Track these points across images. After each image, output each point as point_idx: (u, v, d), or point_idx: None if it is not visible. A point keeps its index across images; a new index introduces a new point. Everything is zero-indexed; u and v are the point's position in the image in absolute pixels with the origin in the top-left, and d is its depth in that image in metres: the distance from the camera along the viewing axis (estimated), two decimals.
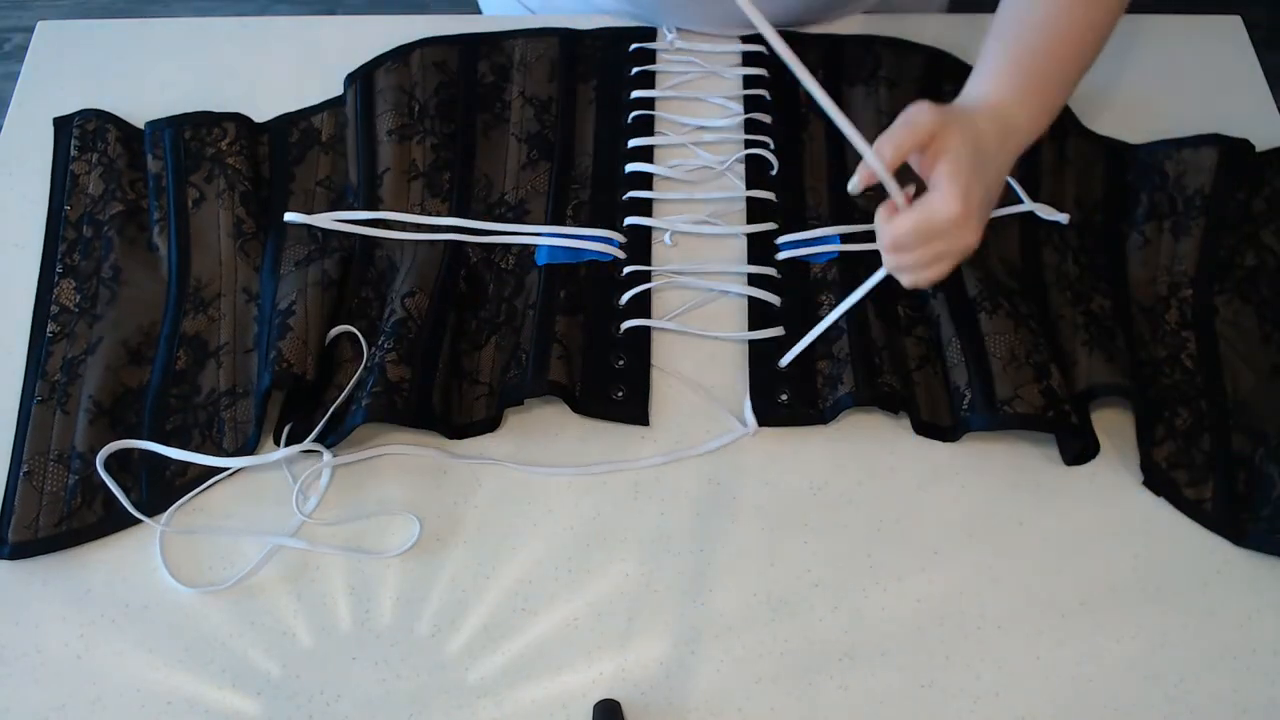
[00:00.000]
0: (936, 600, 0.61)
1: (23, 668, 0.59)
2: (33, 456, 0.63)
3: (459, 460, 0.65)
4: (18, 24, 1.87)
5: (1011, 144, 0.58)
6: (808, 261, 0.72)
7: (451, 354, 0.67)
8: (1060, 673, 0.59)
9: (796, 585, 0.62)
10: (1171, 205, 0.73)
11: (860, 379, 0.65)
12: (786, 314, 0.70)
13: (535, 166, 0.76)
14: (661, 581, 0.62)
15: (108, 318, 0.69)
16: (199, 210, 0.73)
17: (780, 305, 0.70)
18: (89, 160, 0.75)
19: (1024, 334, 0.66)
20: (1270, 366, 0.68)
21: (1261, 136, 0.75)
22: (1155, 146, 0.76)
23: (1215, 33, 0.84)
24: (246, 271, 0.71)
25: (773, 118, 0.78)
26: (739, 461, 0.66)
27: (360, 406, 0.63)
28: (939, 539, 0.63)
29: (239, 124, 0.76)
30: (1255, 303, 0.70)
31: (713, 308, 0.71)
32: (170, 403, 0.66)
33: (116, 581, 0.61)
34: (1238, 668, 0.59)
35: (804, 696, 0.58)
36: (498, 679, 0.59)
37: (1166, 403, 0.67)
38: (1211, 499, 0.64)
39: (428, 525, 0.63)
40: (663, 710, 0.58)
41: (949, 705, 0.58)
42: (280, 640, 0.60)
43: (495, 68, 0.80)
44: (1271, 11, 1.81)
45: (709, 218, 0.74)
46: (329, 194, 0.75)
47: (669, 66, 0.80)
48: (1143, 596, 0.61)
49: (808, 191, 0.75)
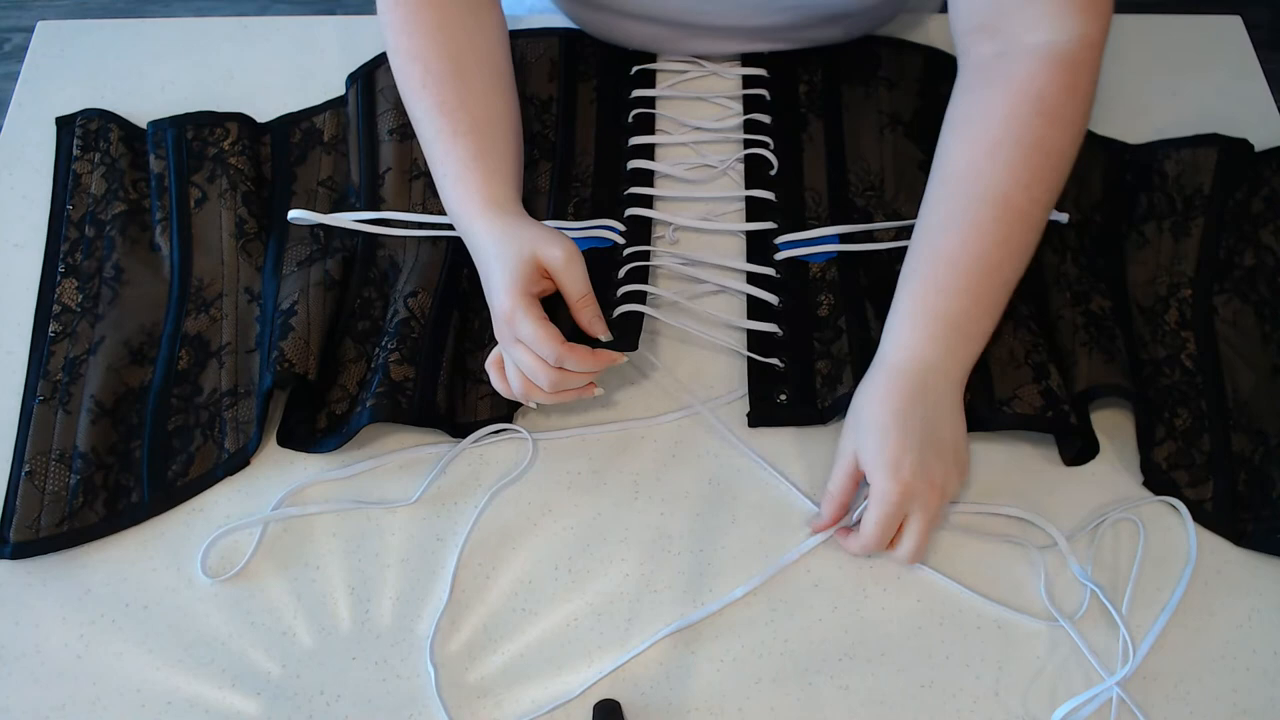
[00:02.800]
0: (936, 600, 0.61)
1: (23, 668, 0.59)
2: (34, 456, 0.63)
3: (460, 460, 0.65)
4: (18, 24, 1.87)
5: (924, 382, 0.59)
6: (806, 261, 0.72)
7: (455, 353, 0.67)
8: (1062, 671, 0.59)
9: (796, 585, 0.62)
10: (1171, 205, 0.73)
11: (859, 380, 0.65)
12: (785, 313, 0.70)
13: (536, 166, 0.76)
14: (661, 581, 0.62)
15: (110, 317, 0.69)
16: (201, 210, 0.73)
17: (779, 305, 0.70)
18: (91, 160, 0.75)
19: (1023, 334, 0.66)
20: (1270, 366, 0.68)
21: (1261, 136, 0.75)
22: (1155, 146, 0.76)
23: (1215, 33, 0.84)
24: (248, 271, 0.71)
25: (772, 118, 0.78)
26: (739, 462, 0.66)
27: (365, 407, 0.63)
28: (938, 538, 0.63)
29: (241, 124, 0.76)
30: (1255, 302, 0.70)
31: (711, 301, 0.71)
32: (172, 402, 0.66)
33: (116, 581, 0.61)
34: (1238, 668, 0.59)
35: (804, 696, 0.59)
36: (498, 679, 0.59)
37: (1166, 403, 0.67)
38: (1211, 499, 0.64)
39: (428, 525, 0.63)
40: (663, 710, 0.58)
41: (949, 705, 0.58)
42: (280, 640, 0.60)
43: None
44: (1271, 11, 1.81)
45: (709, 216, 0.74)
46: (331, 194, 0.75)
47: (669, 66, 0.80)
48: (1142, 597, 0.61)
49: (806, 192, 0.75)
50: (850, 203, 0.74)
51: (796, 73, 0.80)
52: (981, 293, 0.60)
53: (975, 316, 0.60)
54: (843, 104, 0.79)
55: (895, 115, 0.77)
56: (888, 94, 0.78)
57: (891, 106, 0.78)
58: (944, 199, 0.61)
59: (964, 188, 0.61)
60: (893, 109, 0.78)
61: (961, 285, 0.59)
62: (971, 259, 0.59)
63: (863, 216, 0.73)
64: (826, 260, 0.72)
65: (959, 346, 0.60)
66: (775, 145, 0.77)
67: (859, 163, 0.76)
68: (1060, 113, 0.60)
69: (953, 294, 0.59)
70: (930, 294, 0.60)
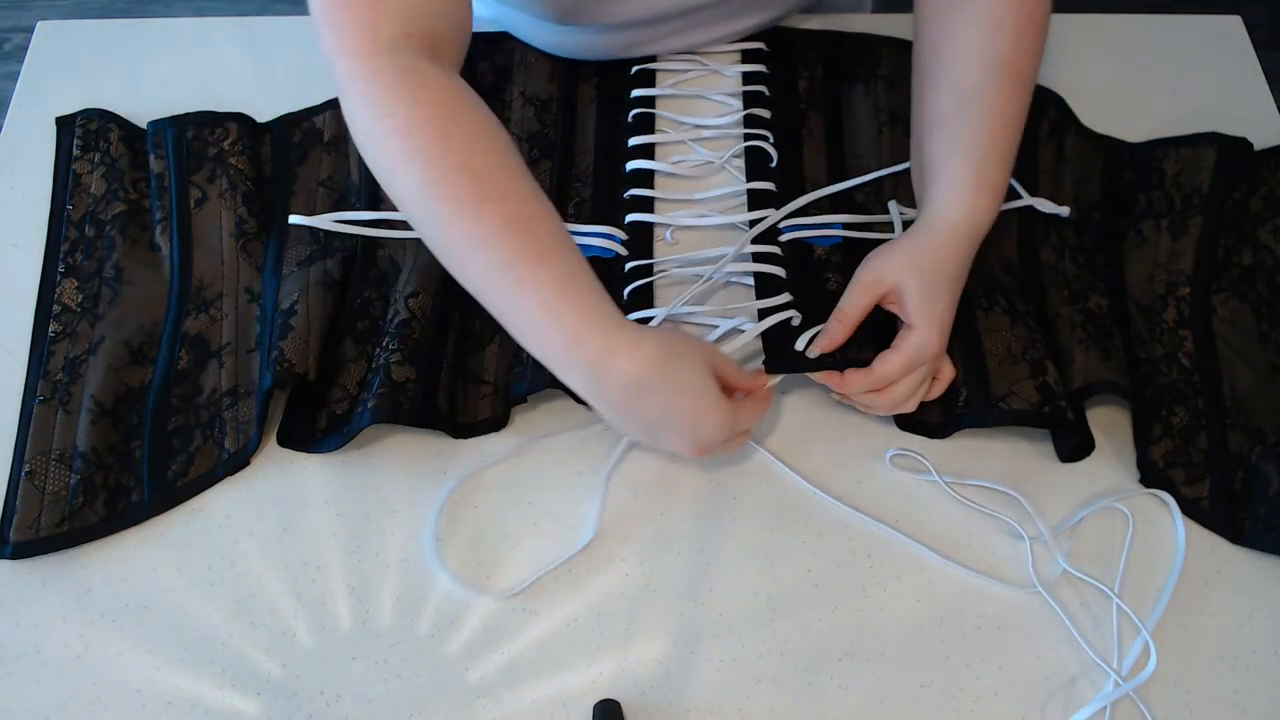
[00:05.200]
0: (936, 600, 0.61)
1: (23, 668, 0.59)
2: (35, 456, 0.63)
3: (460, 460, 0.66)
4: (18, 24, 1.87)
5: (974, 246, 0.65)
6: (810, 244, 0.72)
7: (456, 354, 0.67)
8: (1061, 672, 0.59)
9: (796, 585, 0.62)
10: (1169, 204, 0.73)
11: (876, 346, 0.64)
12: (793, 286, 0.70)
13: (536, 165, 0.76)
14: (661, 581, 0.62)
15: (110, 317, 0.69)
16: (201, 210, 0.73)
17: (786, 277, 0.70)
18: (91, 160, 0.75)
19: (1020, 331, 0.66)
20: (1267, 365, 0.68)
21: (1261, 136, 0.75)
22: (1154, 145, 0.76)
23: (1215, 33, 0.84)
24: (248, 271, 0.71)
25: (772, 114, 0.78)
26: (739, 462, 0.66)
27: (366, 408, 0.63)
28: (938, 538, 0.63)
29: (241, 124, 0.76)
30: (1252, 301, 0.70)
31: (718, 296, 0.71)
32: (172, 402, 0.66)
33: (116, 581, 0.61)
34: (1238, 668, 0.59)
35: (804, 696, 0.59)
36: (498, 679, 0.59)
37: (1163, 401, 0.67)
38: (1208, 497, 0.64)
39: (429, 525, 0.63)
40: (663, 710, 0.58)
41: (949, 705, 0.58)
42: (280, 640, 0.60)
43: (495, 67, 0.80)
44: (1271, 11, 1.81)
45: (709, 213, 0.74)
46: (331, 194, 0.75)
47: (669, 64, 0.80)
48: (1141, 597, 0.61)
49: (807, 183, 0.75)
50: (850, 198, 0.74)
51: (796, 69, 0.80)
52: (1009, 151, 0.65)
53: (1006, 175, 0.65)
54: (842, 101, 0.79)
55: (895, 113, 0.77)
56: (887, 93, 0.78)
57: (891, 105, 0.78)
58: (959, 76, 0.65)
59: (975, 63, 0.65)
60: (892, 107, 0.78)
61: (1001, 154, 0.65)
62: (1007, 129, 0.65)
63: (862, 213, 0.74)
64: (831, 245, 0.72)
65: (997, 204, 0.65)
66: (775, 138, 0.77)
67: (858, 160, 0.76)
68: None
69: (996, 163, 0.64)
70: (983, 166, 0.64)
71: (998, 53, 0.65)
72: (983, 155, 0.64)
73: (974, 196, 0.64)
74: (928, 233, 0.64)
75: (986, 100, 0.64)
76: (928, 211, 0.65)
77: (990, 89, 0.64)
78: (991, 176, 0.64)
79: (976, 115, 0.64)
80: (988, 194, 0.64)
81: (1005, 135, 0.65)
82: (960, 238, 0.63)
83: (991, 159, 0.64)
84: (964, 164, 0.64)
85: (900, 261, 0.63)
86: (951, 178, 0.64)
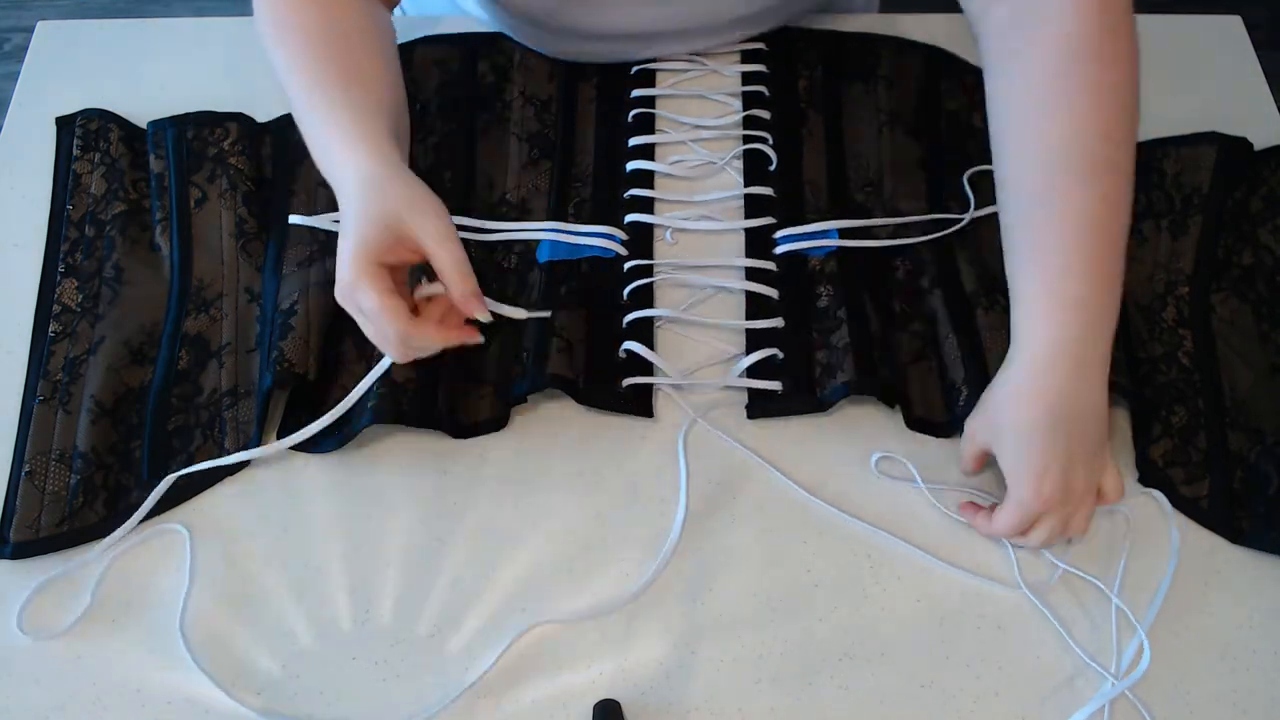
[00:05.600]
0: (936, 600, 0.61)
1: (23, 668, 0.59)
2: (34, 456, 0.63)
3: (460, 460, 0.66)
4: (18, 24, 1.87)
5: (1077, 369, 0.55)
6: (805, 255, 0.72)
7: (456, 354, 0.67)
8: (1060, 671, 0.59)
9: (796, 585, 0.62)
10: (1169, 203, 0.73)
11: (859, 368, 0.65)
12: (785, 307, 0.70)
13: (536, 165, 0.76)
14: (661, 581, 0.62)
15: (110, 317, 0.69)
16: (201, 210, 0.73)
17: (779, 298, 0.70)
18: (91, 159, 0.75)
19: None
20: (1267, 365, 0.68)
21: (1261, 136, 0.75)
22: (1154, 145, 0.76)
23: (1215, 33, 0.84)
24: (248, 271, 0.71)
25: (771, 114, 0.78)
26: (739, 461, 0.66)
27: (367, 409, 0.63)
28: (938, 538, 0.63)
29: (241, 124, 0.76)
30: (1252, 301, 0.70)
31: (713, 302, 0.71)
32: (172, 402, 0.66)
33: (117, 581, 0.61)
34: (1238, 668, 0.59)
35: (804, 696, 0.59)
36: (498, 679, 0.59)
37: (1163, 401, 0.67)
38: (1207, 496, 0.64)
39: (429, 525, 0.63)
40: (663, 710, 0.58)
41: (949, 705, 0.58)
42: (280, 640, 0.60)
43: (495, 67, 0.80)
44: (1271, 11, 1.81)
45: (709, 214, 0.74)
46: (331, 194, 0.74)
47: (669, 65, 0.80)
48: (1141, 596, 0.61)
49: (806, 186, 0.75)
50: (849, 198, 0.74)
51: (796, 69, 0.80)
52: (1096, 259, 0.55)
53: (1098, 286, 0.56)
54: (842, 101, 0.79)
55: (895, 113, 0.77)
56: (887, 92, 0.78)
57: (891, 105, 0.78)
58: (1023, 177, 0.57)
59: (1038, 159, 0.56)
60: (892, 107, 0.78)
61: (1074, 262, 0.55)
62: (1075, 231, 0.55)
63: (861, 212, 0.74)
64: (826, 254, 0.72)
65: (1093, 323, 0.56)
66: (774, 140, 0.77)
67: (857, 160, 0.76)
68: (1104, 50, 0.56)
69: (1068, 273, 0.55)
70: (1050, 279, 0.56)
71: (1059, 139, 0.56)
72: (1049, 268, 0.55)
73: (1046, 321, 0.55)
74: (1009, 376, 0.57)
75: (1050, 202, 0.55)
76: (1013, 339, 0.58)
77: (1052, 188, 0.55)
78: (1071, 291, 0.55)
79: (1041, 222, 0.56)
80: (1072, 311, 0.55)
81: (1079, 237, 0.55)
82: (1042, 371, 0.55)
83: (1073, 271, 0.55)
84: (1029, 284, 0.56)
85: (980, 421, 0.59)
86: (1019, 299, 0.57)
